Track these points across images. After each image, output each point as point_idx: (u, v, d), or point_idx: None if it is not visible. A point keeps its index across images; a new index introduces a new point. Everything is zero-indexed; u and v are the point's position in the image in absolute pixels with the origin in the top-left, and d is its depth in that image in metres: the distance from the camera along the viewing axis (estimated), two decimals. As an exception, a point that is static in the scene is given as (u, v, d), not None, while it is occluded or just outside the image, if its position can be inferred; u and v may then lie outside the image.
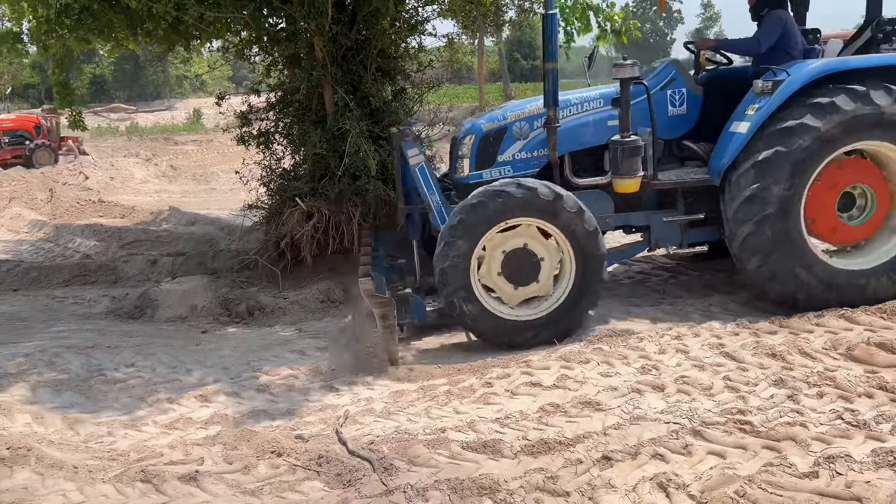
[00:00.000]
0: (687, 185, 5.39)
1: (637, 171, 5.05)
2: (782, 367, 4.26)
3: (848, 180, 5.22)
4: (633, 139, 5.02)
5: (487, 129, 5.49)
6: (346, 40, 6.51)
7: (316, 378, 4.64)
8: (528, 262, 5.02)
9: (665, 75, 5.55)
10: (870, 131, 5.01)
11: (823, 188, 5.18)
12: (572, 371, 4.38)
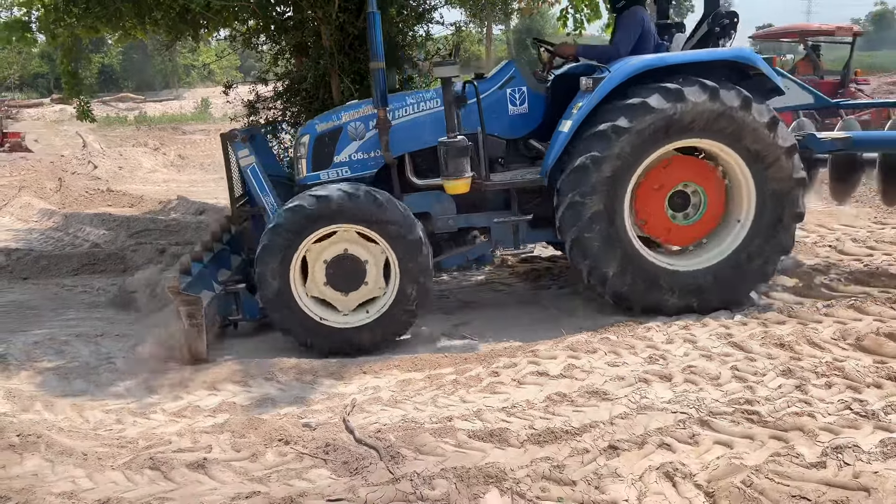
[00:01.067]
0: (518, 186, 5.24)
1: (464, 172, 4.89)
2: (790, 358, 4.24)
3: (674, 180, 5.08)
4: (458, 139, 4.86)
5: (322, 130, 5.34)
6: (353, 29, 6.48)
7: (322, 367, 4.66)
8: (352, 267, 4.92)
9: (504, 74, 5.38)
10: (686, 130, 4.86)
11: (651, 189, 5.06)
12: (579, 360, 4.38)
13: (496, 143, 5.38)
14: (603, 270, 5.01)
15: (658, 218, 5.14)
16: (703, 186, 5.11)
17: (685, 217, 5.15)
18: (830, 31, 14.56)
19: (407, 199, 5.24)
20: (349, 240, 4.92)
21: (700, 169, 5.14)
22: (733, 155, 4.93)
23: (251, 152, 5.32)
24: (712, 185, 5.13)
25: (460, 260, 5.53)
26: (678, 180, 5.10)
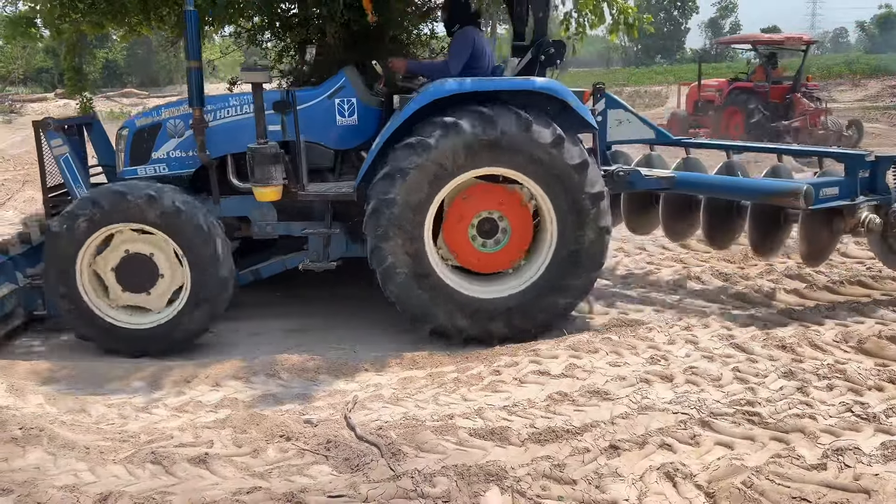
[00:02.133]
0: (332, 198, 5.14)
1: (273, 179, 4.83)
2: (792, 360, 4.25)
3: (474, 210, 4.95)
4: (267, 146, 4.80)
5: (141, 125, 5.26)
6: (357, 26, 6.49)
7: (325, 364, 4.66)
8: (141, 264, 4.87)
9: (334, 84, 5.29)
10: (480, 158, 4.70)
11: (454, 222, 4.98)
12: (581, 360, 4.38)
13: (323, 152, 5.31)
14: (399, 293, 4.88)
15: (465, 248, 5.01)
16: (504, 213, 4.97)
17: (496, 243, 5.02)
18: (780, 40, 15.57)
19: (226, 203, 5.21)
20: (127, 240, 4.86)
21: (500, 196, 4.97)
22: (525, 178, 4.79)
23: (64, 142, 5.21)
24: (515, 211, 4.97)
25: (279, 268, 5.41)
26: (477, 210, 4.95)
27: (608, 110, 5.93)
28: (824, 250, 5.47)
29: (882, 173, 5.35)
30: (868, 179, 5.31)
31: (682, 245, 7.38)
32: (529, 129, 4.64)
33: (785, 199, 5.12)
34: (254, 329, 5.48)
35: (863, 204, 5.21)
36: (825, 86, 33.11)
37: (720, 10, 65.83)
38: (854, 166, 5.28)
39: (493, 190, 4.96)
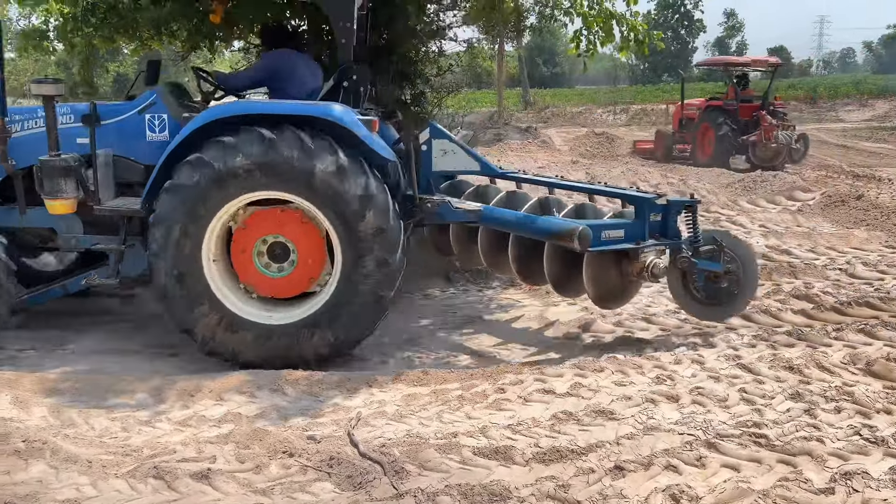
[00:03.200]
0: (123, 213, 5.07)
1: (63, 193, 4.80)
2: (799, 381, 4.22)
3: (255, 235, 4.89)
4: (56, 159, 4.79)
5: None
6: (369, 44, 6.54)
7: (328, 379, 4.65)
8: None
9: (145, 100, 5.23)
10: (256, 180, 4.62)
11: (239, 245, 4.91)
12: (586, 379, 4.36)
13: (133, 166, 5.24)
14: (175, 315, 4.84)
15: (256, 276, 4.95)
16: (289, 238, 4.90)
17: (279, 270, 4.95)
18: (748, 63, 17.15)
19: (32, 213, 5.19)
20: None
21: (284, 221, 4.89)
22: (309, 205, 4.72)
23: None
24: (301, 236, 4.88)
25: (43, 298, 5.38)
26: (261, 234, 4.89)
27: (433, 140, 5.84)
28: (617, 293, 5.28)
29: (673, 217, 5.21)
30: (660, 223, 5.17)
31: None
32: (309, 156, 4.55)
33: (562, 240, 4.91)
34: (258, 343, 5.47)
35: (649, 248, 5.06)
36: (832, 106, 33.17)
37: (727, 30, 66.09)
38: (644, 209, 5.12)
39: (276, 214, 4.87)
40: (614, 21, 6.92)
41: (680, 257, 5.10)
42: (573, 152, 19.09)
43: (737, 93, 15.83)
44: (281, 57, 5.46)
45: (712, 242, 5.17)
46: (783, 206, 10.29)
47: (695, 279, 5.15)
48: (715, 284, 5.15)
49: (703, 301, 5.22)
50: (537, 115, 34.57)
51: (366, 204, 4.65)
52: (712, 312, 5.31)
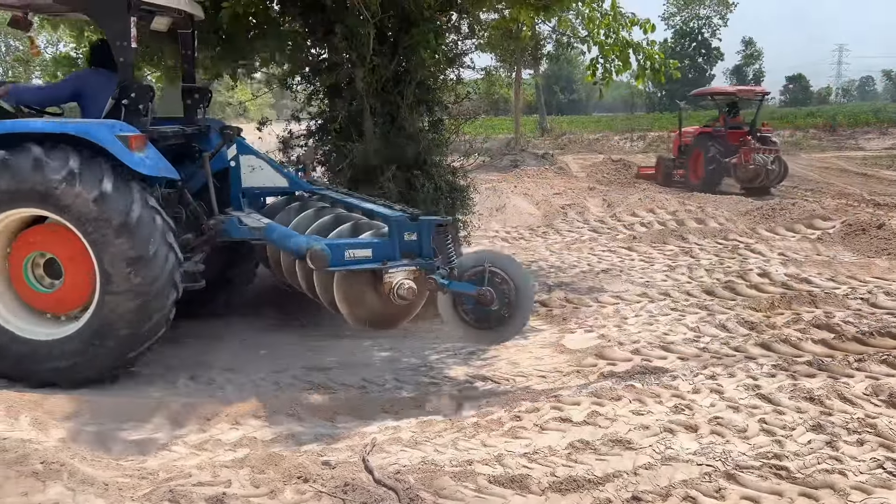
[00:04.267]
0: None
1: None
2: (821, 412, 4.15)
3: (25, 251, 4.93)
4: None
5: None
6: (386, 72, 6.63)
7: (344, 404, 4.65)
8: None
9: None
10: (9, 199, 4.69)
11: (13, 260, 4.97)
12: (603, 408, 4.32)
13: None
14: None
15: (30, 292, 4.99)
16: (54, 253, 4.92)
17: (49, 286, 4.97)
18: (734, 92, 18.01)
19: None
20: None
21: (49, 236, 4.91)
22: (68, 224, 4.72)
23: None
24: (66, 251, 4.86)
25: None
26: (30, 250, 4.95)
27: (240, 156, 5.83)
28: (379, 315, 5.06)
29: (426, 236, 4.93)
30: (415, 242, 4.92)
31: (708, 292, 7.31)
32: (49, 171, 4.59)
33: (301, 259, 4.80)
34: (275, 367, 5.49)
35: (397, 268, 4.82)
36: (852, 133, 32.99)
37: (745, 58, 66.15)
38: (394, 228, 4.90)
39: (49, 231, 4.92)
40: (631, 50, 6.97)
41: (427, 278, 4.82)
42: (590, 179, 19.11)
43: (725, 120, 16.77)
44: (87, 76, 5.56)
45: (477, 263, 4.89)
46: (802, 235, 10.20)
47: (463, 302, 4.89)
48: (485, 307, 4.83)
49: (472, 325, 4.94)
50: (554, 142, 34.68)
51: (113, 217, 4.64)
52: (483, 336, 5.06)
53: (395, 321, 5.23)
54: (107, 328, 4.80)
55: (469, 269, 4.86)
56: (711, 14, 60.08)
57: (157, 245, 4.77)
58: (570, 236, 10.84)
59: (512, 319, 4.90)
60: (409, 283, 4.81)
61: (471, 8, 7.11)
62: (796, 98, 62.92)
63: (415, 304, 5.06)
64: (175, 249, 4.94)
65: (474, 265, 4.88)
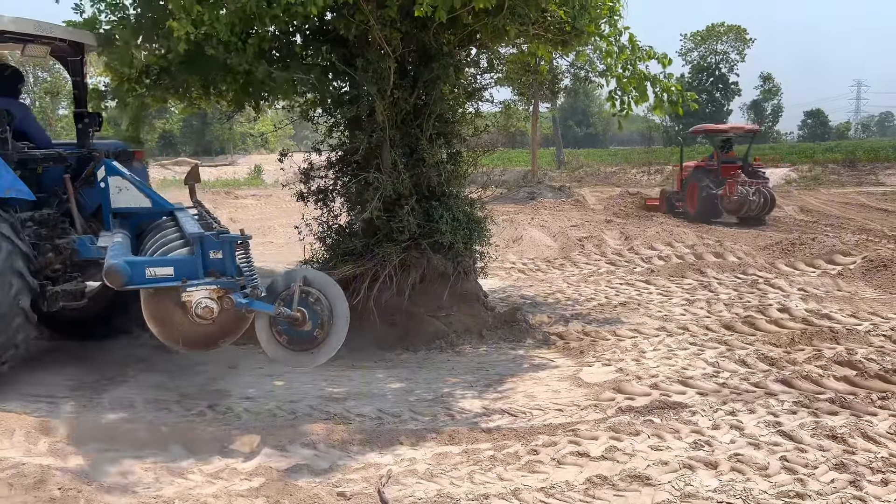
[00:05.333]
0: None
1: None
2: (844, 451, 4.08)
3: None
4: None
5: None
6: (406, 105, 6.71)
7: (359, 435, 4.64)
8: None
9: None
10: None
11: None
12: (621, 442, 4.28)
13: None
14: None
15: None
16: None
17: None
18: (726, 130, 19.42)
19: None
20: None
21: None
22: None
23: None
24: None
25: None
26: None
27: (109, 177, 5.90)
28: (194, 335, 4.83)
29: (229, 255, 4.80)
30: (220, 261, 4.77)
31: (727, 326, 7.25)
32: None
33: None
34: (292, 396, 5.50)
35: (196, 286, 4.65)
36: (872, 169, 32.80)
37: (763, 94, 66.23)
38: (200, 245, 4.75)
39: None
40: (648, 82, 7.01)
41: (224, 297, 4.67)
42: (607, 211, 19.10)
43: (718, 155, 17.99)
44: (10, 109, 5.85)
45: (288, 282, 4.80)
46: (823, 270, 10.10)
47: (277, 323, 4.79)
48: (298, 328, 4.75)
49: (285, 346, 4.83)
50: (571, 175, 34.77)
51: None
52: (297, 359, 4.93)
53: (210, 342, 4.96)
54: None
55: (283, 288, 4.81)
56: (729, 49, 60.34)
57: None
58: (587, 268, 10.81)
59: (327, 340, 4.81)
60: (207, 301, 4.64)
61: (490, 43, 7.19)
62: (815, 133, 62.73)
63: (232, 324, 4.86)
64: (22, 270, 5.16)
65: (289, 284, 4.81)
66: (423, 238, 6.79)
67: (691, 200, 17.80)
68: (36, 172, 6.03)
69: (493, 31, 6.41)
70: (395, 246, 6.64)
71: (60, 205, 5.99)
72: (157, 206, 6.06)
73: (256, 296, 4.72)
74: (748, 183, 16.64)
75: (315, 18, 6.31)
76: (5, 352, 5.25)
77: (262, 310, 4.72)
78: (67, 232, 5.86)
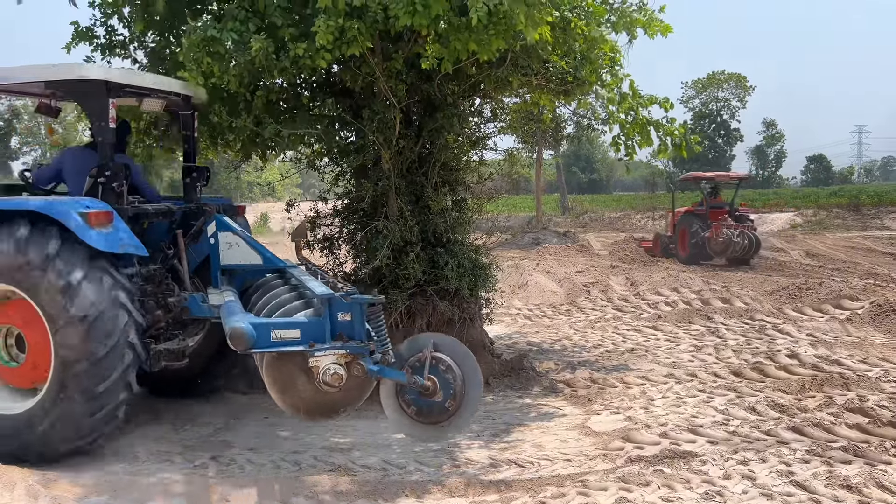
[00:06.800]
0: None
1: None
2: (859, 501, 4.00)
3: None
4: None
5: None
6: (411, 153, 6.80)
7: (364, 487, 4.56)
8: None
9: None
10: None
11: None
12: (631, 493, 4.20)
13: None
14: None
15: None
16: (20, 328, 4.97)
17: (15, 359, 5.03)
18: (713, 177, 20.39)
19: None
20: None
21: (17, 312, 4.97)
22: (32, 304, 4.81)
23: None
24: (31, 326, 4.90)
25: None
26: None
27: (219, 233, 5.78)
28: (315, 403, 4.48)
29: (359, 318, 4.42)
30: (348, 323, 4.42)
31: (736, 373, 7.18)
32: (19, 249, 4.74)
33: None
34: (296, 447, 5.44)
35: (325, 351, 4.33)
36: (877, 213, 32.87)
37: (766, 139, 66.83)
38: (328, 307, 4.42)
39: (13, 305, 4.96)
40: (651, 127, 7.09)
41: (355, 364, 4.34)
42: (612, 257, 19.13)
43: (706, 201, 19.02)
44: (68, 155, 5.86)
45: (418, 348, 4.48)
46: (831, 315, 10.04)
47: (405, 392, 4.45)
48: (428, 398, 4.41)
49: (413, 417, 4.47)
50: (575, 220, 34.92)
51: (67, 295, 4.68)
52: (425, 432, 4.57)
53: (332, 410, 4.62)
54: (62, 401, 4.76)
55: (411, 354, 4.50)
56: (730, 97, 61.17)
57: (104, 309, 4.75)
58: (593, 315, 10.76)
59: (459, 413, 4.45)
60: (336, 368, 4.33)
61: (493, 93, 7.32)
62: (818, 178, 63.09)
63: (356, 391, 4.52)
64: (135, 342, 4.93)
65: (416, 350, 4.50)
66: (429, 285, 6.79)
67: (682, 243, 18.74)
68: (142, 227, 5.82)
69: (496, 82, 6.53)
70: (402, 293, 6.64)
71: (165, 260, 5.81)
72: (269, 263, 5.82)
73: (388, 362, 4.41)
74: (733, 226, 17.67)
75: (322, 71, 6.44)
76: (106, 426, 4.97)
77: (394, 378, 4.43)
78: (171, 288, 5.65)
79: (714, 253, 17.76)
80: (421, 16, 5.11)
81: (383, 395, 4.54)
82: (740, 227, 17.77)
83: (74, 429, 4.81)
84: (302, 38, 5.53)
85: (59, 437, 4.81)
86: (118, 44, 6.95)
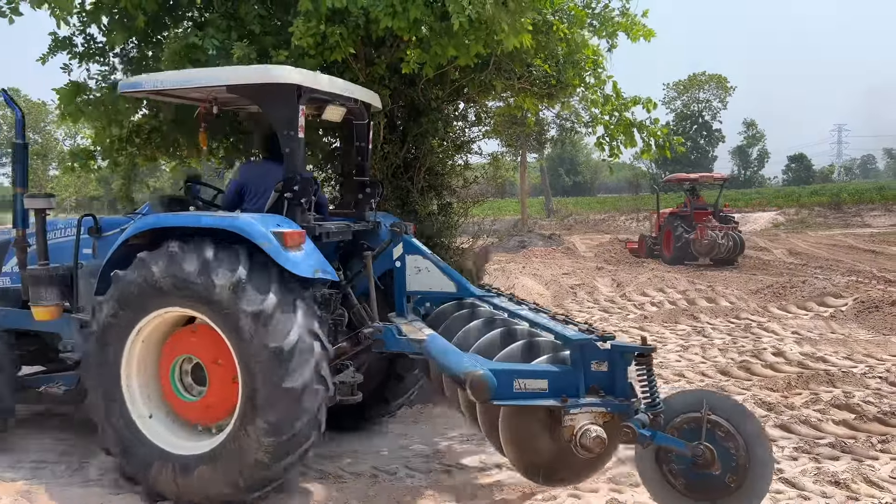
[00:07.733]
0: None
1: (45, 300, 5.00)
2: (847, 497, 4.03)
3: (174, 353, 4.53)
4: (41, 268, 5.04)
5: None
6: (396, 158, 6.80)
7: (355, 495, 4.54)
8: None
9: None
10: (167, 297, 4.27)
11: (164, 362, 4.59)
12: (622, 495, 4.21)
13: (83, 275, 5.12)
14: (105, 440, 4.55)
15: (170, 392, 4.56)
16: (200, 358, 4.47)
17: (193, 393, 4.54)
18: (696, 178, 20.84)
19: None
20: None
21: (200, 340, 4.47)
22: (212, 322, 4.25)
23: None
24: (213, 356, 4.39)
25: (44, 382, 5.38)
26: (179, 353, 4.53)
27: (406, 255, 5.12)
28: (555, 465, 3.88)
29: (621, 369, 3.74)
30: (605, 375, 3.73)
31: (723, 372, 7.21)
32: (207, 270, 4.17)
33: (461, 386, 3.82)
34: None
35: (582, 409, 3.67)
36: (858, 211, 33.27)
37: (747, 139, 67.47)
38: (581, 353, 3.75)
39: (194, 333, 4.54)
40: (634, 129, 7.14)
41: (623, 426, 3.60)
42: (598, 258, 19.23)
43: (690, 202, 19.36)
44: (249, 169, 5.50)
45: (692, 408, 3.67)
46: (815, 313, 10.14)
47: (671, 460, 3.69)
48: (702, 470, 3.60)
49: (682, 492, 3.67)
50: (560, 223, 35.06)
51: (259, 322, 4.10)
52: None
53: (577, 475, 4.01)
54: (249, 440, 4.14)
55: (679, 414, 3.70)
56: (711, 98, 61.74)
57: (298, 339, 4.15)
58: (580, 316, 10.79)
59: (742, 492, 3.54)
60: (597, 429, 3.60)
61: (477, 97, 7.33)
62: (799, 177, 63.80)
63: (604, 455, 3.88)
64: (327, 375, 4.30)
65: (687, 410, 3.69)
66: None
67: (667, 244, 19.06)
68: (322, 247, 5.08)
69: (479, 86, 6.55)
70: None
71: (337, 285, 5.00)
72: (464, 291, 5.09)
73: (660, 425, 3.64)
74: (718, 228, 17.99)
75: (305, 77, 6.42)
76: (289, 470, 4.32)
77: (673, 446, 3.63)
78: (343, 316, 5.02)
79: (699, 254, 17.99)
80: (400, 18, 5.10)
81: (642, 464, 3.80)
82: (724, 228, 18.05)
83: (261, 472, 4.16)
84: (284, 46, 5.51)
85: (245, 482, 4.17)
86: (97, 51, 6.87)
